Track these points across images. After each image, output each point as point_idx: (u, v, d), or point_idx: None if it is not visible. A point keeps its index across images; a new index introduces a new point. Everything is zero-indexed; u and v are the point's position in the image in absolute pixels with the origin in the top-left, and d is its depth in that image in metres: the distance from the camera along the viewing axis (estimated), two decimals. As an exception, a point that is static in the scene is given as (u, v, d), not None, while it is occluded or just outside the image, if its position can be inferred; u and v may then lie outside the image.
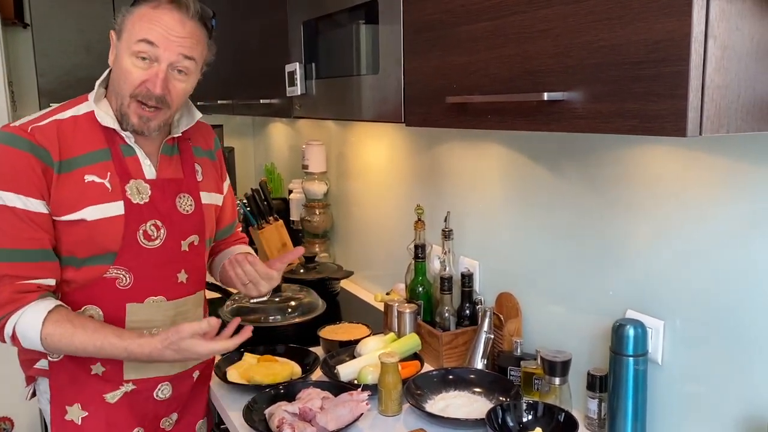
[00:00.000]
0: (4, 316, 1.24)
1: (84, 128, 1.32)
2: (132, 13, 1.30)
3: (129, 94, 1.30)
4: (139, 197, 1.34)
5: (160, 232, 1.36)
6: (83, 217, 1.28)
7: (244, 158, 3.55)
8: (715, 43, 0.74)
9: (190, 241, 1.42)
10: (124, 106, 1.31)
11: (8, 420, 2.72)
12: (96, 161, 1.31)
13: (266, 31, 1.98)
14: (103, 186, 1.30)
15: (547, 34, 0.92)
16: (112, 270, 1.32)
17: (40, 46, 2.68)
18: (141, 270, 1.34)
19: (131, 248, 1.33)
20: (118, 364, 1.38)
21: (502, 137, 1.61)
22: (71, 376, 1.37)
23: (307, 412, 1.34)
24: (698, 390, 1.18)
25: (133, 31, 1.28)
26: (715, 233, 1.12)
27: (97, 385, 1.38)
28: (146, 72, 1.28)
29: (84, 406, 1.38)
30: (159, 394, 1.45)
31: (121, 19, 1.31)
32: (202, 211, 1.45)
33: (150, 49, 1.27)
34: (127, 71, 1.29)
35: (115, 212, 1.31)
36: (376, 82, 1.39)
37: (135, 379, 1.40)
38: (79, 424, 1.38)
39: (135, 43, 1.27)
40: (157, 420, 1.47)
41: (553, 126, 0.93)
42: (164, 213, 1.37)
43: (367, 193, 2.34)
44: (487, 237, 1.70)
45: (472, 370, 1.54)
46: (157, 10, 1.28)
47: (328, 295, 2.18)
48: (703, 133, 0.75)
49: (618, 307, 1.32)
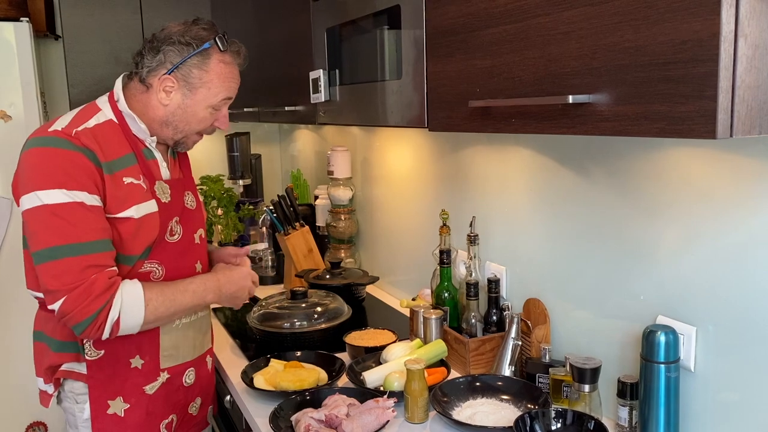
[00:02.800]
0: (107, 302, 1.28)
1: (109, 135, 1.40)
2: (209, 71, 1.42)
3: (196, 132, 1.48)
4: (164, 196, 1.45)
5: (179, 227, 1.49)
6: (130, 215, 1.36)
7: (270, 165, 3.58)
8: (746, 42, 0.72)
9: (199, 234, 1.57)
10: (186, 138, 1.48)
11: (42, 425, 2.77)
12: (128, 165, 1.40)
13: (290, 38, 1.99)
14: (140, 186, 1.40)
15: (570, 36, 0.91)
16: (146, 265, 1.42)
17: (71, 57, 2.74)
18: (169, 262, 1.46)
19: (160, 243, 1.43)
20: (155, 356, 1.47)
21: (528, 140, 1.60)
22: (112, 371, 1.44)
23: (333, 419, 1.34)
24: (733, 398, 1.15)
25: (214, 90, 1.43)
26: (748, 236, 1.09)
27: (137, 378, 1.46)
28: (217, 113, 1.48)
29: (126, 399, 1.45)
30: (186, 380, 1.55)
31: (197, 73, 1.41)
32: (201, 206, 1.60)
33: (228, 101, 1.48)
34: (204, 118, 1.46)
35: (152, 209, 1.41)
36: (398, 88, 1.39)
37: (170, 367, 1.50)
38: (122, 416, 1.45)
39: (219, 101, 1.45)
40: (186, 405, 1.58)
41: (579, 129, 0.91)
42: (179, 210, 1.50)
43: (392, 198, 2.34)
44: (514, 242, 1.68)
45: (500, 377, 1.52)
46: (231, 66, 1.46)
47: (354, 300, 2.18)
48: (734, 135, 0.73)
49: (648, 313, 1.29)
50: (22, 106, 2.60)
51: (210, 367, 1.65)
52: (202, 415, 1.65)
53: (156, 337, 1.46)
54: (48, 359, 1.47)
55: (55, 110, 3.05)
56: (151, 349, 1.46)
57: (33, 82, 2.61)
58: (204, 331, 1.60)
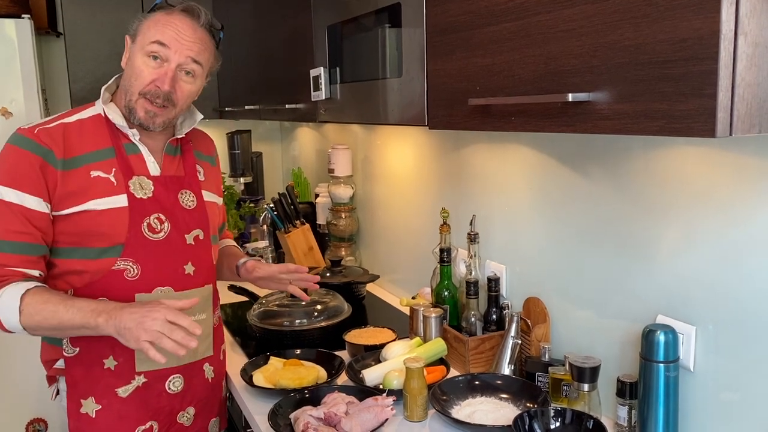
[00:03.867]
0: None
1: (90, 129, 1.41)
2: (147, 18, 1.42)
3: (138, 92, 1.40)
4: (142, 192, 1.42)
5: (164, 225, 1.44)
6: (89, 208, 1.36)
7: (271, 163, 3.58)
8: (746, 40, 0.72)
9: (195, 235, 1.49)
10: (132, 102, 1.41)
11: (42, 421, 2.78)
12: (101, 159, 1.39)
13: (291, 36, 1.99)
14: (108, 180, 1.39)
15: (571, 34, 0.90)
16: (119, 262, 1.39)
17: (73, 54, 2.74)
18: (147, 261, 1.41)
19: (137, 240, 1.40)
20: (130, 357, 1.43)
21: (528, 139, 1.59)
22: (85, 371, 1.42)
23: (332, 416, 1.34)
24: (732, 398, 1.15)
25: (147, 34, 1.40)
26: (748, 236, 1.09)
27: (109, 379, 1.43)
28: (156, 71, 1.39)
29: (97, 400, 1.43)
30: (171, 387, 1.49)
31: (137, 25, 1.44)
32: (205, 207, 1.53)
33: (161, 49, 1.38)
34: (139, 70, 1.39)
35: (119, 204, 1.38)
36: (399, 86, 1.39)
37: (146, 371, 1.45)
38: (93, 417, 1.43)
39: (148, 44, 1.39)
40: (173, 414, 1.51)
41: (578, 127, 0.91)
42: (167, 207, 1.45)
43: (393, 196, 2.34)
44: (514, 240, 1.68)
45: (499, 375, 1.52)
46: (171, 15, 1.41)
47: (354, 299, 2.18)
48: (734, 134, 0.73)
49: (648, 312, 1.29)
50: (23, 103, 2.60)
51: (209, 376, 1.56)
52: (199, 426, 1.57)
53: None
54: (44, 351, 1.49)
55: (56, 107, 3.05)
56: (125, 350, 1.39)
57: (34, 79, 2.61)
58: (198, 337, 1.34)
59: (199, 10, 1.44)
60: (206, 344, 1.55)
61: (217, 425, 1.63)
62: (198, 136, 1.62)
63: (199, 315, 1.51)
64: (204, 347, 1.54)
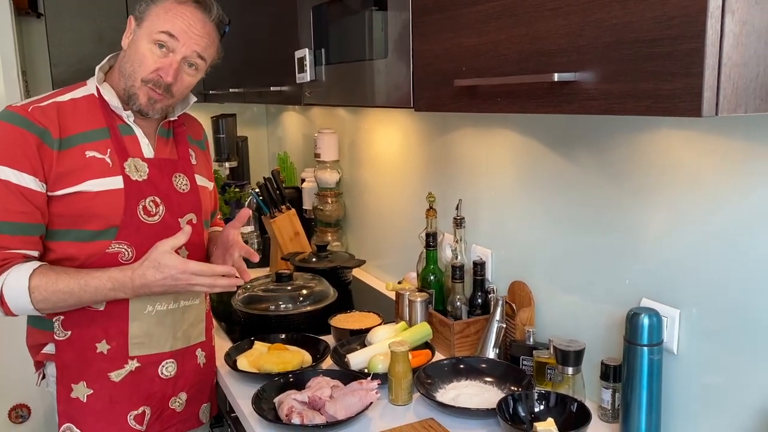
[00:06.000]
0: None
1: (83, 109, 1.38)
2: (157, 4, 1.38)
3: (141, 78, 1.37)
4: (138, 174, 1.39)
5: (158, 209, 1.42)
6: (84, 189, 1.33)
7: (257, 147, 3.55)
8: (733, 18, 0.71)
9: (188, 219, 1.47)
10: (134, 87, 1.38)
11: (25, 407, 2.75)
12: (96, 139, 1.37)
13: (276, 17, 1.96)
14: (104, 161, 1.36)
15: (558, 13, 0.89)
16: (114, 245, 1.37)
17: (54, 35, 2.69)
18: (142, 245, 1.38)
19: (132, 223, 1.37)
20: (123, 342, 1.41)
21: (515, 123, 1.58)
22: (77, 354, 1.40)
23: (317, 400, 1.33)
24: (715, 381, 1.15)
25: (156, 21, 1.36)
26: (733, 220, 1.09)
27: (102, 364, 1.41)
28: (161, 60, 1.36)
29: (89, 384, 1.41)
30: (164, 372, 1.47)
31: (145, 7, 1.39)
32: (198, 191, 1.51)
33: (169, 40, 1.35)
34: (144, 56, 1.36)
35: (115, 186, 1.36)
36: (384, 67, 1.37)
37: (139, 355, 1.43)
38: (84, 402, 1.41)
39: (157, 32, 1.35)
40: (165, 399, 1.49)
41: (565, 108, 0.90)
42: (162, 190, 1.43)
43: (380, 181, 2.33)
44: (500, 225, 1.67)
45: (484, 359, 1.52)
46: (183, 6, 1.37)
47: (340, 283, 2.17)
48: (720, 113, 0.72)
49: (633, 296, 1.29)
50: (3, 85, 2.54)
51: (201, 362, 1.56)
52: (191, 412, 1.56)
53: (124, 323, 1.40)
54: (30, 336, 1.46)
55: (37, 89, 2.99)
56: (119, 335, 1.40)
57: (14, 61, 2.56)
58: (192, 322, 1.51)
59: (212, 3, 1.40)
60: (199, 329, 1.54)
61: (208, 411, 1.62)
62: (189, 120, 1.60)
63: (192, 300, 1.51)
64: (197, 332, 1.54)
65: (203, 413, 1.60)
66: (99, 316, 1.38)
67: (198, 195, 1.51)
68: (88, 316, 1.38)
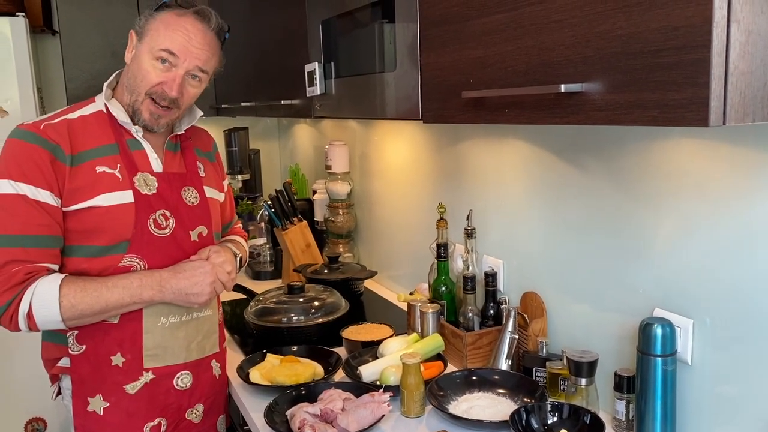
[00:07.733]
0: (18, 293, 1.28)
1: (93, 125, 1.40)
2: (156, 18, 1.39)
3: (145, 92, 1.39)
4: (147, 188, 1.41)
5: (169, 222, 1.43)
6: (96, 204, 1.35)
7: (269, 160, 3.57)
8: (739, 27, 0.71)
9: (199, 232, 1.49)
10: (137, 102, 1.40)
11: (41, 420, 2.77)
12: (106, 154, 1.38)
13: (286, 32, 1.98)
14: (114, 176, 1.38)
15: (563, 24, 0.89)
16: (126, 259, 1.38)
17: (68, 52, 2.73)
18: (153, 258, 1.40)
19: (143, 237, 1.39)
20: (138, 354, 1.42)
21: (524, 133, 1.58)
22: (93, 368, 1.41)
23: (329, 413, 1.33)
24: (730, 391, 1.14)
25: (157, 38, 1.37)
26: (744, 228, 1.08)
27: (117, 376, 1.42)
28: (164, 74, 1.38)
29: (105, 397, 1.42)
30: (179, 383, 1.48)
31: (144, 22, 1.40)
32: (207, 203, 1.52)
33: (171, 57, 1.37)
34: (147, 72, 1.38)
35: (126, 200, 1.38)
36: (393, 80, 1.38)
37: (154, 367, 1.44)
38: (101, 415, 1.42)
39: (158, 50, 1.37)
40: (181, 411, 1.50)
41: (572, 119, 0.90)
42: (172, 204, 1.44)
43: (390, 192, 2.33)
44: (511, 235, 1.67)
45: (497, 370, 1.51)
46: (182, 18, 1.38)
47: (352, 295, 2.17)
48: (727, 123, 0.72)
49: (645, 306, 1.28)
50: (19, 102, 2.59)
51: (217, 373, 1.57)
52: (209, 424, 1.57)
53: (138, 336, 1.41)
54: (45, 350, 1.47)
55: (52, 105, 3.04)
56: (133, 347, 1.41)
57: (29, 78, 2.60)
58: (205, 333, 1.52)
59: (210, 13, 1.41)
60: (213, 340, 1.56)
61: (224, 423, 1.63)
62: (197, 133, 1.61)
63: (206, 312, 1.52)
64: (211, 343, 1.55)
65: (221, 425, 1.61)
66: (113, 329, 1.40)
67: (208, 208, 1.52)
68: (101, 329, 1.39)
